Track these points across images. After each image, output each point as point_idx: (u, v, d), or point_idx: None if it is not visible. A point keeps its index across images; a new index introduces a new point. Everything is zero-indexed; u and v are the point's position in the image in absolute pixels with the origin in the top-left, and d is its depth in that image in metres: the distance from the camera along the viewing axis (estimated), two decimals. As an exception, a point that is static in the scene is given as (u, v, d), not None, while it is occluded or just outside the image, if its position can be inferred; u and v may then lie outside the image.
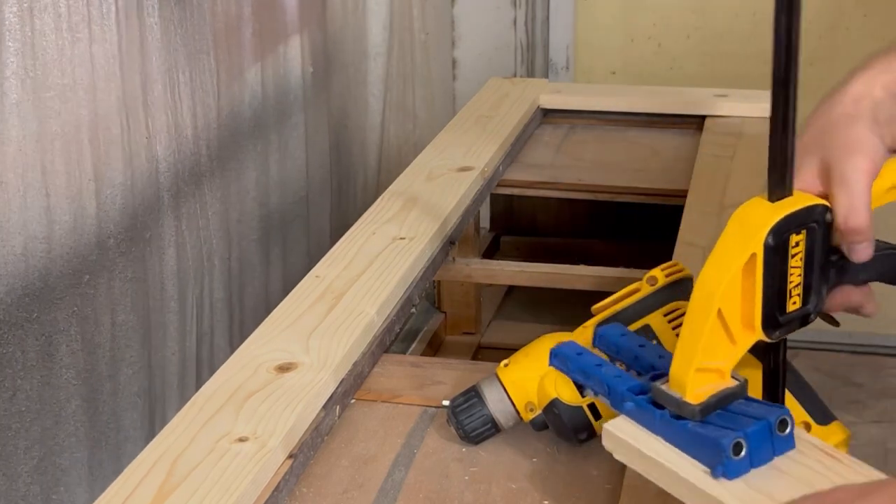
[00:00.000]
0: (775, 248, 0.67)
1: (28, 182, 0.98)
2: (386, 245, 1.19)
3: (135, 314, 1.16)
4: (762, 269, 0.67)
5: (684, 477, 0.70)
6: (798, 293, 0.69)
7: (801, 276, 0.69)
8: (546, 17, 2.39)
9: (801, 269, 0.69)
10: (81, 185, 1.05)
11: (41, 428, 1.01)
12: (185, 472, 0.82)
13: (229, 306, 1.41)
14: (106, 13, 1.06)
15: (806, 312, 0.71)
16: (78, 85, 1.03)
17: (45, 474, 1.02)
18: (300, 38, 1.55)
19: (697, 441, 0.70)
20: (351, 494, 0.86)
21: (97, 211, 1.08)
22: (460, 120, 1.62)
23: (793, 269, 0.69)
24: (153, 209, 1.19)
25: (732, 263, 0.67)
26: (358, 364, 1.01)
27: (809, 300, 0.71)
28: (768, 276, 0.67)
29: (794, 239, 0.68)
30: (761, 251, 0.67)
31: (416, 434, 0.94)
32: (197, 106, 1.28)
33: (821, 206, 0.69)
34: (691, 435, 0.71)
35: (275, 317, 1.05)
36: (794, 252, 0.68)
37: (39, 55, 0.98)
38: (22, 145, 0.97)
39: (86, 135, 1.05)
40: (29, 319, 0.99)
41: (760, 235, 0.67)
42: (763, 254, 0.67)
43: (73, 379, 1.06)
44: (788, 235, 0.68)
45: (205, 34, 1.29)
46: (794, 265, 0.68)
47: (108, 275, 1.10)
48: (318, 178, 1.66)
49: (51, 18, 0.99)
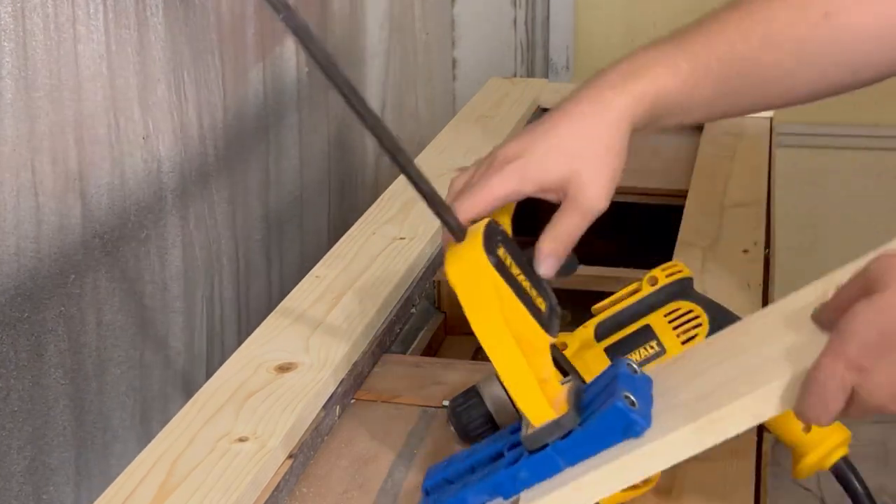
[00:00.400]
0: (497, 264, 0.71)
1: (21, 182, 0.99)
2: (386, 245, 1.19)
3: (123, 314, 1.15)
4: (507, 286, 0.71)
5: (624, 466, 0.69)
6: (535, 294, 0.74)
7: (527, 280, 0.73)
8: (546, 17, 2.39)
9: (520, 273, 0.73)
10: (67, 185, 1.05)
11: (32, 427, 1.02)
12: (185, 472, 0.82)
13: (237, 306, 1.41)
14: (93, 13, 1.06)
15: (552, 308, 0.75)
16: (64, 85, 1.03)
17: (35, 474, 1.02)
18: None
19: (601, 431, 0.70)
20: (351, 494, 0.86)
21: (82, 211, 1.08)
22: (460, 120, 1.62)
23: (519, 277, 0.73)
24: (152, 209, 1.19)
25: (491, 303, 0.70)
26: (358, 364, 1.01)
27: (547, 298, 0.75)
28: (515, 290, 0.71)
29: (501, 251, 0.72)
30: (494, 272, 0.70)
31: (416, 434, 0.94)
32: (202, 105, 1.28)
33: (492, 222, 0.74)
34: (591, 434, 0.70)
35: (275, 316, 1.05)
36: (507, 262, 0.72)
37: (30, 55, 0.98)
38: (16, 145, 0.97)
39: (71, 135, 1.05)
40: (21, 319, 0.99)
41: (484, 261, 0.70)
42: (498, 273, 0.70)
43: (61, 378, 1.06)
44: (496, 251, 0.72)
45: (208, 33, 1.29)
46: (516, 272, 0.73)
47: (93, 274, 1.10)
48: (314, 178, 1.66)
49: (40, 18, 0.99)
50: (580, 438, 0.70)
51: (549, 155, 0.79)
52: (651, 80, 0.81)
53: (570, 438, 0.71)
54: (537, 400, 0.71)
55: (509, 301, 0.71)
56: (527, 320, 0.72)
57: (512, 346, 0.70)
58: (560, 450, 0.71)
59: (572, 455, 0.71)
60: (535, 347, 0.72)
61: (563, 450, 0.71)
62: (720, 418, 0.66)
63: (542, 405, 0.71)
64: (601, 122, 0.80)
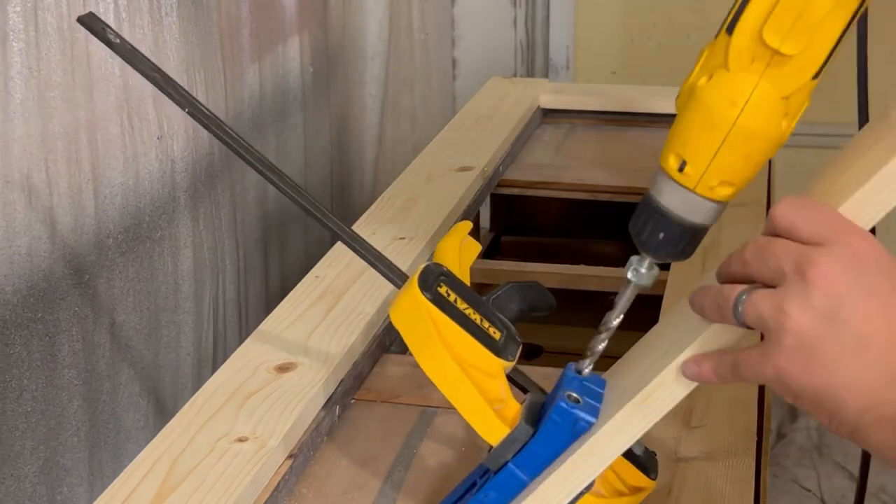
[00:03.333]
0: (435, 299, 0.73)
1: (33, 182, 0.99)
2: (386, 245, 1.19)
3: (137, 314, 1.16)
4: (448, 317, 0.73)
5: (575, 464, 0.70)
6: (488, 325, 0.75)
7: (476, 313, 0.75)
8: (546, 17, 2.39)
9: (468, 307, 0.75)
10: (81, 185, 1.06)
11: (46, 428, 1.02)
12: (184, 473, 0.82)
13: (238, 307, 1.41)
14: (103, 13, 1.06)
15: (509, 336, 0.76)
16: (77, 84, 1.03)
17: (49, 474, 1.02)
18: (300, 37, 1.55)
19: (551, 435, 0.71)
20: (351, 495, 0.86)
21: (96, 210, 1.08)
22: (460, 120, 1.62)
23: (467, 311, 0.75)
24: (166, 209, 1.19)
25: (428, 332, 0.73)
26: (358, 364, 1.01)
27: (503, 328, 0.76)
28: (458, 321, 0.73)
29: (443, 289, 0.75)
30: (429, 304, 0.73)
31: (416, 434, 0.94)
32: (210, 104, 1.28)
33: (430, 265, 0.76)
34: (544, 441, 0.71)
35: (275, 317, 1.04)
36: (452, 298, 0.75)
37: (43, 55, 0.98)
38: (27, 144, 0.97)
39: (84, 134, 1.05)
40: (34, 319, 0.99)
41: (418, 295, 0.73)
42: (435, 307, 0.73)
43: (75, 379, 1.06)
44: (435, 289, 0.74)
45: (213, 33, 1.29)
46: (463, 307, 0.75)
47: (107, 275, 1.10)
48: (317, 178, 1.66)
49: (54, 18, 0.99)
50: (535, 448, 0.71)
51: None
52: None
53: (527, 450, 0.72)
54: (488, 419, 0.72)
55: (452, 331, 0.73)
56: (474, 347, 0.73)
57: (455, 371, 0.72)
58: (520, 463, 0.72)
59: (532, 466, 0.72)
60: (486, 372, 0.74)
61: (523, 463, 0.72)
62: (648, 396, 0.69)
63: (494, 423, 0.72)
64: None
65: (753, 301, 0.63)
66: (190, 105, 0.81)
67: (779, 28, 0.64)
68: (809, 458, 2.11)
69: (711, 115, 0.66)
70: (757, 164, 0.68)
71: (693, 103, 0.67)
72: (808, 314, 0.60)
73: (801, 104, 0.68)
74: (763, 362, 0.63)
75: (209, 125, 0.81)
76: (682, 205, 0.69)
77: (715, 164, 0.67)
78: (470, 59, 2.43)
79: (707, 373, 0.67)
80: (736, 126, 0.66)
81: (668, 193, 0.69)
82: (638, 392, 0.69)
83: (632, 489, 0.76)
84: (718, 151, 0.67)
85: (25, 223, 0.98)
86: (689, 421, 0.93)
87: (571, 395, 0.71)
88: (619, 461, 0.75)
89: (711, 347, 0.67)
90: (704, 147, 0.67)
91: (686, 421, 0.93)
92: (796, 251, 0.62)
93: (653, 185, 0.70)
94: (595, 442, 0.70)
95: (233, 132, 0.81)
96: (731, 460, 0.87)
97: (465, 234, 0.88)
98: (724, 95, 0.66)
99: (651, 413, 0.69)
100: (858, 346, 0.60)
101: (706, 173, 0.68)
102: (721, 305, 0.65)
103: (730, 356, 0.66)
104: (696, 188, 0.68)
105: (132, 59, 0.82)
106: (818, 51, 0.65)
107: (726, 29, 0.66)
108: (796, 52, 0.64)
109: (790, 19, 0.63)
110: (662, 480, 0.84)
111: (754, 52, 0.65)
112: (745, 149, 0.67)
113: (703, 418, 0.93)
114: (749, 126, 0.66)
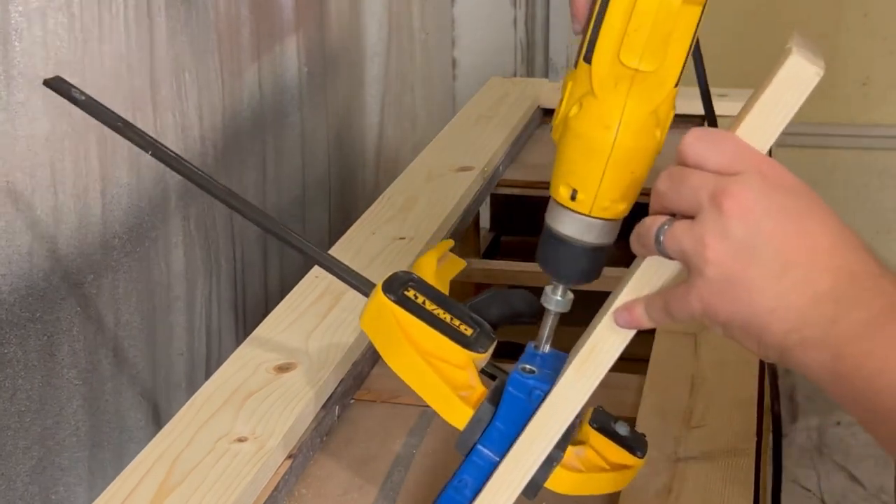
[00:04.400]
0: (399, 300, 0.76)
1: (37, 181, 0.99)
2: (386, 245, 1.19)
3: (139, 314, 1.16)
4: (412, 315, 0.76)
5: (535, 430, 0.72)
6: (458, 323, 0.77)
7: (446, 313, 0.77)
8: (546, 16, 2.39)
9: (437, 308, 0.77)
10: (88, 184, 1.06)
11: (41, 427, 1.01)
12: (184, 473, 0.82)
13: (234, 306, 1.41)
14: (115, 14, 1.06)
15: (481, 332, 0.78)
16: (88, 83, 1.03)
17: (43, 474, 1.02)
18: (296, 37, 1.55)
19: (511, 410, 0.73)
20: (351, 495, 0.86)
21: (102, 210, 1.08)
22: (460, 120, 1.62)
23: (435, 311, 0.77)
24: (160, 209, 1.19)
25: (392, 328, 0.75)
26: (358, 364, 1.01)
27: (475, 325, 0.78)
28: (423, 318, 0.76)
29: (411, 293, 0.77)
30: (392, 305, 0.76)
31: (415, 434, 0.94)
32: (203, 105, 1.28)
33: (399, 273, 0.79)
34: (505, 416, 0.73)
35: (274, 317, 1.04)
36: (420, 300, 0.77)
37: (52, 55, 0.98)
38: (31, 143, 0.97)
39: (93, 134, 1.05)
40: (32, 319, 0.99)
41: (381, 298, 0.76)
42: (399, 306, 0.76)
43: (75, 378, 1.05)
44: (401, 293, 0.77)
45: (209, 33, 1.29)
46: (431, 307, 0.77)
47: (112, 275, 1.10)
48: (315, 178, 1.66)
49: (65, 17, 0.99)
50: (498, 425, 0.73)
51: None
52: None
53: (491, 428, 0.73)
54: (452, 403, 0.74)
55: (416, 327, 0.75)
56: (439, 340, 0.75)
57: (416, 360, 0.74)
58: (487, 443, 0.73)
59: (499, 444, 0.73)
60: (454, 364, 0.76)
61: (490, 442, 0.73)
62: (589, 353, 0.70)
63: (458, 408, 0.74)
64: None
65: (674, 233, 0.64)
66: (152, 147, 0.86)
67: (634, 49, 0.67)
68: (809, 458, 2.11)
69: (589, 142, 0.69)
70: (642, 177, 0.71)
71: (569, 134, 0.70)
72: (726, 244, 0.61)
73: (669, 112, 0.71)
74: (689, 296, 0.63)
75: (172, 164, 0.86)
76: (581, 230, 0.72)
77: (604, 186, 0.70)
78: (470, 59, 2.42)
79: (639, 317, 0.68)
80: (615, 148, 0.69)
81: (566, 222, 0.72)
82: (580, 353, 0.71)
83: (615, 466, 0.76)
84: (604, 175, 0.70)
85: (28, 222, 0.98)
86: (689, 421, 0.93)
87: (526, 367, 0.74)
88: (599, 439, 0.76)
89: (642, 292, 0.68)
90: (590, 173, 0.70)
91: (686, 421, 0.93)
92: (710, 182, 0.62)
93: (549, 216, 0.73)
94: (547, 407, 0.72)
95: (196, 168, 0.86)
96: (731, 460, 0.87)
97: (445, 251, 0.90)
98: (597, 121, 0.69)
99: (595, 371, 0.71)
100: (779, 269, 0.60)
101: (597, 197, 0.71)
102: (643, 235, 0.66)
103: (659, 297, 0.67)
104: (591, 212, 0.71)
105: (97, 113, 0.88)
106: (674, 62, 0.68)
107: (584, 58, 0.69)
108: (655, 68, 0.68)
109: (642, 39, 0.67)
110: (662, 480, 0.84)
111: (616, 74, 0.68)
112: (628, 166, 0.70)
113: (703, 418, 0.93)
114: (627, 145, 0.69)
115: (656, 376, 1.00)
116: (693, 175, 0.63)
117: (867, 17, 2.31)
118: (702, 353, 1.03)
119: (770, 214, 0.61)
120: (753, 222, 0.61)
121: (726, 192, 0.61)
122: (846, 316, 0.59)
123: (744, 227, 0.61)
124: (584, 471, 0.75)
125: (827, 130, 2.44)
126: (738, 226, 0.61)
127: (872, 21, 2.32)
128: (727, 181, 0.62)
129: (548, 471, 0.73)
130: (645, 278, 0.69)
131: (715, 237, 0.61)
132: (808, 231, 0.61)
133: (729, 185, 0.61)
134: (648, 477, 0.85)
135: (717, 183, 0.62)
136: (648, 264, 0.68)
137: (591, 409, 0.77)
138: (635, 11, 0.66)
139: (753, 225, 0.61)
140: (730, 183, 0.62)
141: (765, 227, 0.61)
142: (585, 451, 0.75)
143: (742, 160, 0.63)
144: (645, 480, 0.85)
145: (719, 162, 0.63)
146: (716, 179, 0.62)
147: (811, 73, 0.64)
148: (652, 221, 0.66)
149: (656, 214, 0.66)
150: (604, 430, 0.76)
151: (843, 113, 2.40)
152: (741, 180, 0.62)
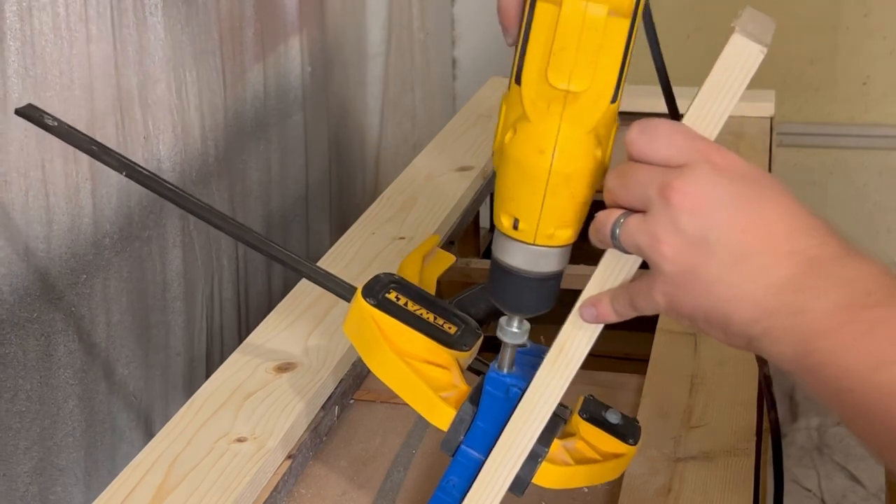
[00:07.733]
0: (379, 304, 0.76)
1: (30, 181, 0.98)
2: (386, 245, 1.19)
3: (130, 314, 1.16)
4: (392, 317, 0.76)
5: (515, 426, 0.71)
6: (442, 322, 0.78)
7: (430, 313, 0.78)
8: (546, 16, 2.39)
9: (420, 308, 0.78)
10: (79, 185, 1.05)
11: (40, 428, 1.01)
12: (183, 473, 0.82)
13: (237, 306, 1.41)
14: (101, 13, 1.06)
15: (466, 330, 0.78)
16: (76, 84, 1.03)
17: (43, 474, 1.02)
18: (299, 37, 1.55)
19: (491, 408, 0.72)
20: (350, 495, 0.86)
21: (93, 210, 1.08)
22: (460, 120, 1.62)
23: (418, 311, 0.77)
24: (153, 209, 1.19)
25: (371, 331, 0.76)
26: (357, 364, 1.00)
27: (461, 323, 0.78)
28: (404, 320, 0.76)
29: (392, 295, 0.78)
30: (370, 308, 0.76)
31: (415, 434, 0.94)
32: (204, 105, 1.28)
33: (380, 276, 0.79)
34: (486, 415, 0.72)
35: (274, 317, 1.04)
36: (402, 301, 0.78)
37: (39, 54, 0.98)
38: (24, 144, 0.97)
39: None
40: (30, 319, 0.99)
41: (360, 302, 0.76)
42: (379, 310, 0.76)
43: (71, 379, 1.06)
44: (382, 296, 0.77)
45: (211, 33, 1.28)
46: (414, 308, 0.77)
47: (103, 274, 1.10)
48: (317, 177, 1.66)
49: (49, 17, 0.99)
50: (480, 424, 0.73)
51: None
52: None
53: (474, 427, 0.73)
54: (435, 405, 0.74)
55: (396, 329, 0.75)
56: (421, 341, 0.75)
57: (398, 364, 0.74)
58: (471, 443, 0.73)
59: (483, 443, 0.73)
60: (437, 364, 0.76)
61: (474, 442, 0.73)
62: (559, 350, 0.70)
63: (441, 409, 0.74)
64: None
65: (628, 229, 0.63)
66: (127, 168, 0.85)
67: (561, 70, 0.64)
68: (809, 458, 2.11)
69: (525, 168, 0.66)
70: (587, 200, 0.67)
71: (505, 161, 0.67)
72: (680, 238, 0.60)
73: (610, 129, 0.68)
74: (653, 291, 0.63)
75: (148, 184, 0.86)
76: (528, 260, 0.69)
77: (545, 213, 0.67)
78: (470, 59, 2.42)
79: (605, 312, 0.67)
80: (552, 173, 0.65)
81: (512, 253, 0.69)
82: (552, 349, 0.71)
83: (606, 456, 0.76)
84: (544, 201, 0.66)
85: (24, 223, 0.98)
86: (689, 421, 0.93)
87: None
88: (589, 429, 0.75)
89: (606, 286, 0.68)
90: (529, 201, 0.66)
91: (686, 421, 0.93)
92: (657, 176, 0.61)
93: (495, 247, 0.70)
94: (523, 404, 0.71)
95: (172, 186, 0.86)
96: (731, 460, 0.87)
97: (431, 248, 0.90)
98: (532, 146, 0.65)
99: (566, 367, 0.70)
100: (734, 259, 0.60)
101: (539, 224, 0.67)
102: (600, 231, 0.65)
103: (625, 291, 0.66)
104: (535, 241, 0.68)
105: (70, 138, 0.87)
106: (607, 78, 0.65)
107: (515, 80, 0.66)
108: (586, 87, 0.64)
109: (569, 59, 0.63)
110: (662, 480, 0.84)
111: (547, 97, 0.65)
112: (568, 191, 0.66)
113: (703, 418, 0.93)
114: (564, 170, 0.65)
115: (656, 376, 1.00)
116: (640, 170, 0.62)
117: (867, 17, 2.31)
118: (701, 352, 1.02)
119: (722, 204, 0.60)
120: (704, 214, 0.60)
121: (672, 186, 0.60)
122: (809, 307, 0.58)
123: (695, 220, 0.60)
124: (573, 464, 0.74)
125: (827, 130, 2.44)
126: (689, 219, 0.60)
127: (872, 21, 2.32)
128: (673, 174, 0.60)
129: (533, 467, 0.72)
130: (608, 271, 0.68)
131: (668, 232, 0.60)
132: (763, 218, 0.60)
133: (675, 179, 0.60)
134: (648, 477, 0.85)
135: (664, 177, 0.61)
136: (611, 257, 0.67)
137: (582, 397, 0.77)
138: (559, 30, 0.63)
139: (705, 217, 0.60)
140: (675, 176, 0.60)
141: (717, 218, 0.60)
142: (575, 443, 0.75)
143: (688, 150, 0.61)
144: (645, 480, 0.85)
145: (665, 155, 0.62)
146: (663, 173, 0.61)
147: (755, 51, 0.62)
148: (606, 216, 0.64)
149: (611, 209, 0.65)
150: (594, 419, 0.75)
151: (843, 113, 2.40)
152: (688, 172, 0.60)
